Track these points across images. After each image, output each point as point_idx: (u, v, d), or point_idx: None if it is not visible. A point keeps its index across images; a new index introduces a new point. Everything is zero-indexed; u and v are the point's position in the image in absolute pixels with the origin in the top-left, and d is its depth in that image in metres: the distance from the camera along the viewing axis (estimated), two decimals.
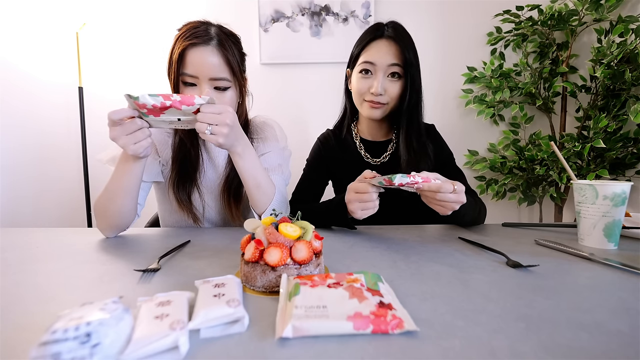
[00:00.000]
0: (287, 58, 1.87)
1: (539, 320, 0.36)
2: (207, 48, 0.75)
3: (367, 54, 0.87)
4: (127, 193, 0.71)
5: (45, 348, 0.26)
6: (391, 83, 0.87)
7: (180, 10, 1.80)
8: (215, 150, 0.91)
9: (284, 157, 0.94)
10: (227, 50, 0.77)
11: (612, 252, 0.60)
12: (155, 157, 0.86)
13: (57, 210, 1.95)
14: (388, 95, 0.87)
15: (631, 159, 1.54)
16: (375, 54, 0.86)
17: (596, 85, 1.58)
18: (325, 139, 1.05)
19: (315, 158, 1.04)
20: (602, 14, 1.51)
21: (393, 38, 0.85)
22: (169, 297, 0.36)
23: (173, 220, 0.93)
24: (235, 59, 0.78)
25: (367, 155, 0.99)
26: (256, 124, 0.95)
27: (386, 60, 0.85)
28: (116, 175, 0.70)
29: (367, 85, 0.88)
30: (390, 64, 0.85)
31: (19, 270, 0.53)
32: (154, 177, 0.85)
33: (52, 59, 1.87)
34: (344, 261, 0.56)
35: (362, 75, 0.88)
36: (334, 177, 1.05)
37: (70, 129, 1.90)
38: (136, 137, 0.62)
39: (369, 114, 0.90)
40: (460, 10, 1.82)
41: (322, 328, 0.32)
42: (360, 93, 0.90)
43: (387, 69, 0.85)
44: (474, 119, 1.85)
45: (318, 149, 1.04)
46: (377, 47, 0.86)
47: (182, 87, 0.77)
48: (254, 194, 0.76)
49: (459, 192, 0.65)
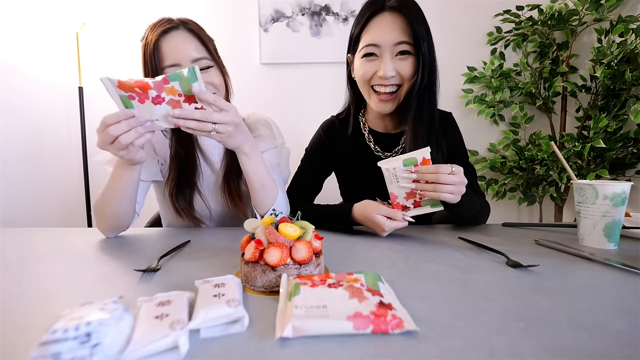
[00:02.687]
0: (287, 58, 1.87)
1: (538, 320, 0.36)
2: (178, 32, 0.75)
3: (369, 34, 0.75)
4: (124, 197, 0.71)
5: (45, 348, 0.26)
6: (401, 62, 0.74)
7: (180, 11, 1.79)
8: (209, 149, 0.90)
9: (282, 155, 0.92)
10: (198, 31, 0.77)
11: (612, 252, 0.60)
12: (153, 157, 0.85)
13: (57, 210, 1.95)
14: (400, 77, 0.75)
15: (631, 159, 1.54)
16: (378, 32, 0.73)
17: (596, 85, 1.58)
18: (329, 127, 0.94)
19: (315, 148, 0.95)
20: (602, 13, 1.51)
21: (397, 9, 0.72)
22: (169, 297, 0.36)
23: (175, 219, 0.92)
24: (207, 39, 0.78)
25: (376, 148, 0.89)
26: (250, 122, 0.92)
27: (392, 38, 0.72)
28: (112, 180, 0.69)
29: (372, 68, 0.76)
30: (397, 42, 0.72)
31: (19, 270, 0.53)
32: (153, 177, 0.85)
33: (52, 58, 1.87)
34: (344, 261, 0.56)
35: (366, 59, 0.77)
36: (338, 171, 0.97)
37: (70, 128, 1.90)
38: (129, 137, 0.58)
39: (379, 108, 0.80)
40: (460, 10, 1.82)
41: (322, 328, 0.32)
42: (365, 79, 0.78)
43: (394, 49, 0.73)
44: (474, 119, 1.85)
45: (320, 137, 0.94)
46: (380, 24, 0.74)
47: None
48: (258, 194, 0.74)
49: (458, 172, 0.64)
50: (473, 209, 0.79)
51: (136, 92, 0.57)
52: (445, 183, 0.63)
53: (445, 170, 0.63)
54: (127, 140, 0.58)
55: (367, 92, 0.82)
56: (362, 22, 0.76)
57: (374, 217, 0.69)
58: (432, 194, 0.64)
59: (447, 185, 0.63)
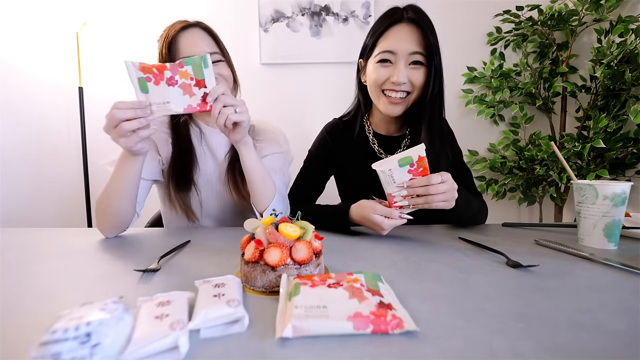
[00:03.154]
0: (287, 58, 1.87)
1: (539, 320, 0.36)
2: (194, 30, 0.82)
3: (386, 41, 0.79)
4: (125, 192, 0.72)
5: (45, 348, 0.26)
6: (414, 71, 0.79)
7: (180, 11, 1.80)
8: (215, 143, 0.91)
9: (285, 161, 0.96)
10: (210, 30, 0.86)
11: (612, 252, 0.60)
12: (154, 156, 0.86)
13: (57, 210, 1.95)
14: (411, 85, 0.79)
15: (631, 159, 1.54)
16: (395, 41, 0.77)
17: (596, 85, 1.58)
18: (333, 128, 0.96)
19: (319, 149, 0.96)
20: (602, 14, 1.51)
21: (415, 21, 0.77)
22: (169, 297, 0.36)
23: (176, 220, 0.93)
24: (218, 37, 0.86)
25: (380, 150, 0.91)
26: (260, 128, 0.97)
27: (408, 47, 0.77)
28: (115, 175, 0.71)
29: (386, 74, 0.80)
30: (412, 51, 0.77)
31: (19, 270, 0.53)
32: (154, 176, 0.86)
33: (52, 58, 1.87)
34: (344, 261, 0.56)
35: (380, 64, 0.80)
36: (340, 172, 0.98)
37: (70, 129, 1.90)
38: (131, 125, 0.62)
39: (388, 110, 0.83)
40: (460, 10, 1.82)
41: (322, 328, 0.32)
42: (377, 84, 0.82)
43: (408, 58, 0.78)
44: (474, 119, 1.85)
45: (323, 139, 0.96)
46: (397, 33, 0.78)
47: None
48: (259, 188, 0.78)
49: (448, 180, 0.66)
50: (472, 210, 0.80)
51: (153, 73, 0.63)
52: (436, 193, 0.65)
53: (435, 180, 0.65)
54: (128, 127, 0.61)
55: (377, 95, 0.85)
56: (380, 30, 0.81)
57: (372, 217, 0.70)
58: (426, 205, 0.66)
59: (439, 195, 0.65)
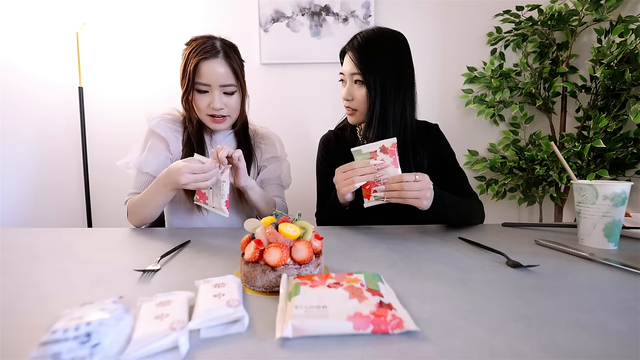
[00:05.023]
0: (287, 58, 1.86)
1: (539, 320, 0.36)
2: (216, 60, 0.88)
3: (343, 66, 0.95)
4: (159, 207, 0.85)
5: (45, 348, 0.26)
6: (357, 89, 0.91)
7: (180, 11, 1.80)
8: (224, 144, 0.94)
9: (283, 168, 1.07)
10: (232, 60, 0.91)
11: (612, 252, 0.60)
12: (167, 156, 0.94)
13: (56, 210, 1.95)
14: (356, 101, 0.92)
15: (631, 159, 1.53)
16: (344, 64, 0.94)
17: (596, 85, 1.58)
18: (327, 140, 1.07)
19: (321, 162, 1.06)
20: (602, 14, 1.51)
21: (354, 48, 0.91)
22: (169, 297, 0.36)
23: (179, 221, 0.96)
24: (238, 66, 0.92)
25: None
26: (261, 133, 1.07)
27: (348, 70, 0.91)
28: (154, 193, 0.82)
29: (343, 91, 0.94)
30: (351, 73, 0.90)
31: (19, 270, 0.53)
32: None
33: (52, 58, 1.86)
34: (344, 261, 0.56)
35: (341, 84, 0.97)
36: None
37: (70, 129, 1.90)
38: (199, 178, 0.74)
39: (349, 119, 0.98)
40: (460, 10, 1.82)
41: (322, 328, 0.32)
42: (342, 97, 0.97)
43: (351, 77, 0.91)
44: (474, 119, 1.85)
45: (321, 153, 1.06)
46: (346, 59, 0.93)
47: (196, 93, 0.90)
48: (263, 209, 0.92)
49: (422, 180, 0.72)
50: (460, 210, 0.82)
51: None
52: (409, 190, 0.71)
53: (409, 178, 0.72)
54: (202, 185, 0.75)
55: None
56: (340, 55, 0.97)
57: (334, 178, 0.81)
58: (400, 200, 0.73)
59: (411, 192, 0.71)
